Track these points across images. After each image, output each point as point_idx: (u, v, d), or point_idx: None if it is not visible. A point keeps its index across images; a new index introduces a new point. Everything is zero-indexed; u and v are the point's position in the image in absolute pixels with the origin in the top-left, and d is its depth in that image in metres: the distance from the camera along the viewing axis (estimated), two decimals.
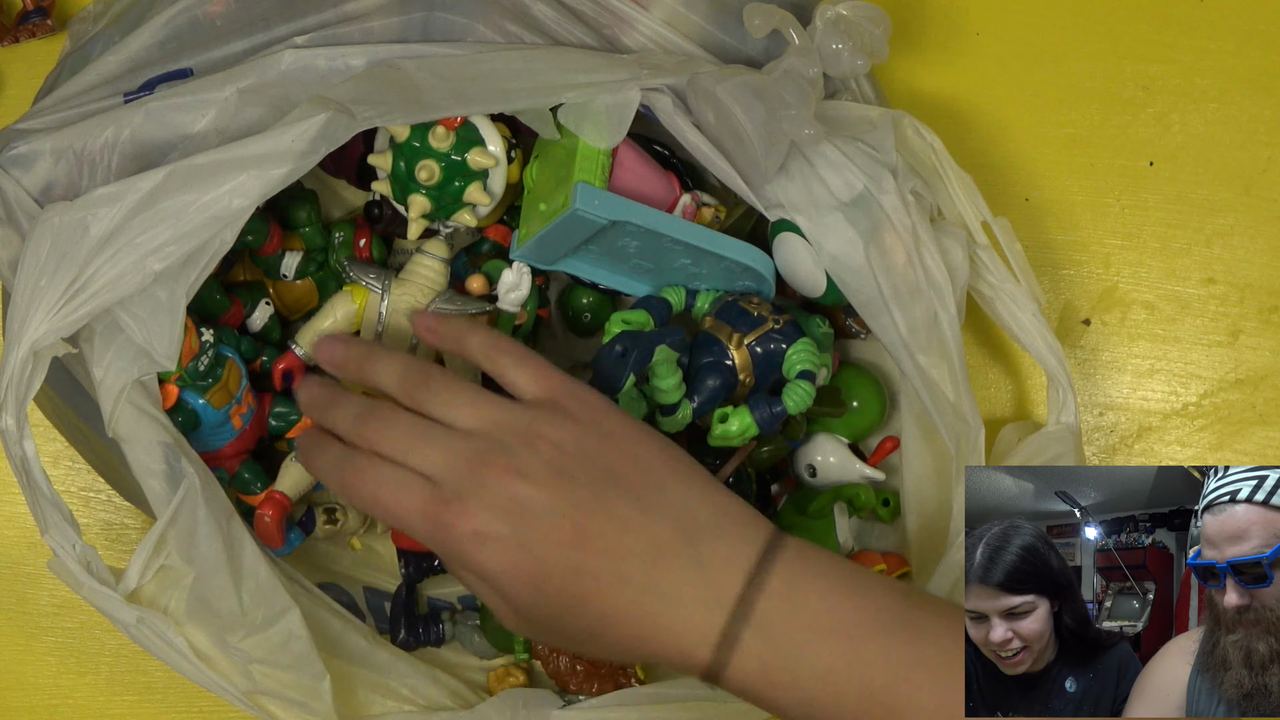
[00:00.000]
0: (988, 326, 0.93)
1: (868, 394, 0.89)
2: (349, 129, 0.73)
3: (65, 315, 0.73)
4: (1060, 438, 0.84)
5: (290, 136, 0.73)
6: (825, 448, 0.88)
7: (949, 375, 0.81)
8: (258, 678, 0.78)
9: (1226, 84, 0.95)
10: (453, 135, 0.81)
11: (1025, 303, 0.84)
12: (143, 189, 0.73)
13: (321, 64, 0.77)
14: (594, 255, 0.84)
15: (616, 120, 0.78)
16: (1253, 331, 0.94)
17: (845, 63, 0.79)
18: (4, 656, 0.92)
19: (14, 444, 0.74)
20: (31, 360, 0.73)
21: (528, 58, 0.78)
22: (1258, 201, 0.94)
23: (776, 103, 0.77)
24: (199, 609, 0.76)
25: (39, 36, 0.92)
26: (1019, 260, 0.84)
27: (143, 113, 0.76)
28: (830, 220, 0.79)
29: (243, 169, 0.73)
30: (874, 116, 0.81)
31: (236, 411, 0.82)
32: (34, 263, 0.73)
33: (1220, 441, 0.94)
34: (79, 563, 0.75)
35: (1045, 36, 0.95)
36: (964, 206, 0.83)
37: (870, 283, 0.79)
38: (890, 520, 0.88)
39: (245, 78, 0.76)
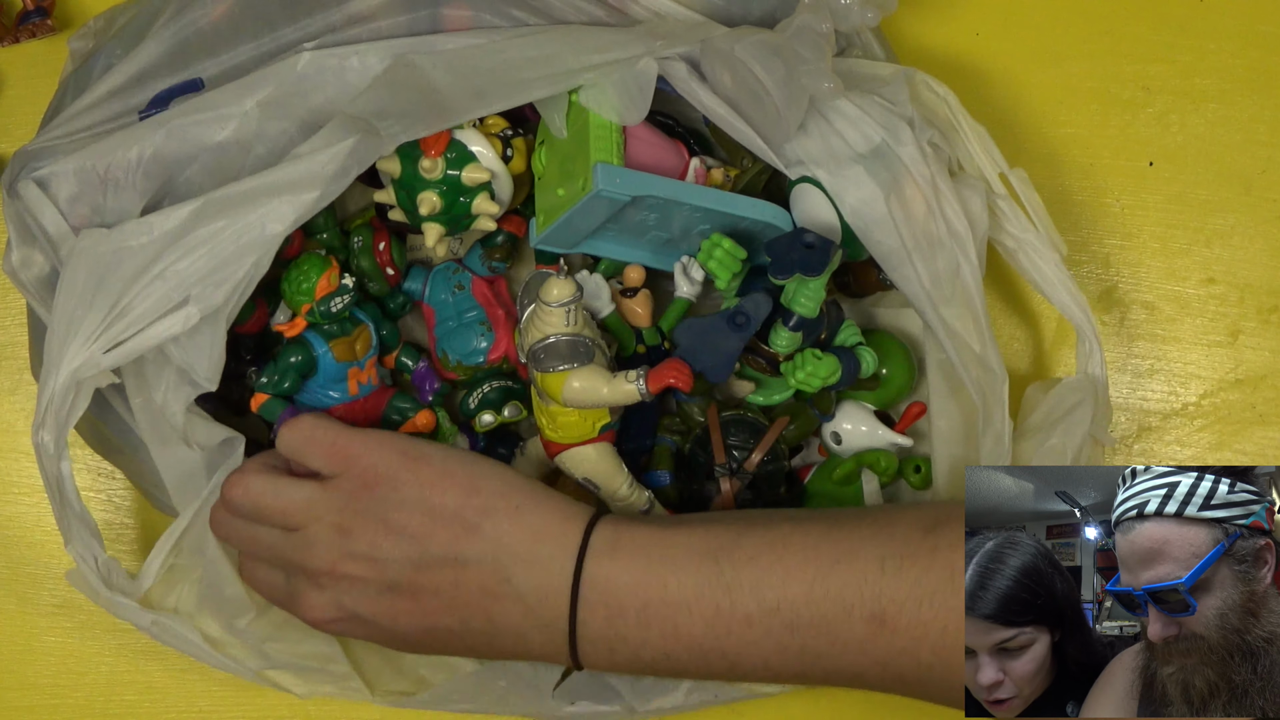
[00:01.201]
0: (1008, 281, 0.93)
1: (896, 361, 0.88)
2: (377, 150, 0.75)
3: (104, 344, 0.75)
4: (1081, 386, 0.84)
5: (320, 161, 0.74)
6: (851, 415, 0.88)
7: (973, 326, 0.81)
8: (272, 654, 0.82)
9: (1226, 84, 0.95)
10: (441, 161, 0.80)
11: (1047, 253, 0.84)
12: (177, 218, 0.75)
13: (336, 64, 0.77)
14: (613, 233, 0.84)
15: (638, 95, 0.78)
16: (1252, 331, 0.94)
17: (855, 15, 0.79)
18: (4, 656, 0.92)
19: (51, 462, 0.77)
20: (75, 389, 0.75)
21: (540, 42, 0.78)
22: (1258, 201, 0.94)
23: (794, 58, 0.77)
24: (210, 597, 0.80)
25: (39, 36, 0.92)
26: (1038, 211, 0.84)
27: (164, 131, 0.77)
28: (850, 173, 0.79)
29: (274, 195, 0.74)
30: (886, 74, 0.82)
31: (355, 375, 0.83)
32: (70, 291, 0.75)
33: (1220, 441, 0.94)
34: (99, 575, 0.78)
35: (1045, 37, 0.95)
36: (980, 158, 0.83)
37: (892, 234, 0.79)
38: (922, 487, 0.88)
39: (263, 87, 0.77)
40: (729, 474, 0.85)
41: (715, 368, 0.81)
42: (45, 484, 0.78)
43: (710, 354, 0.81)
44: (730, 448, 0.86)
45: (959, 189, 0.81)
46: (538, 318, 0.80)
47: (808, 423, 0.88)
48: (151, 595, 0.81)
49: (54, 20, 0.92)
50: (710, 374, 0.81)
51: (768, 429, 0.86)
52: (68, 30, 0.93)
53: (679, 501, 0.87)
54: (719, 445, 0.85)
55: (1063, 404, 0.84)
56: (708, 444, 0.86)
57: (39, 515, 0.92)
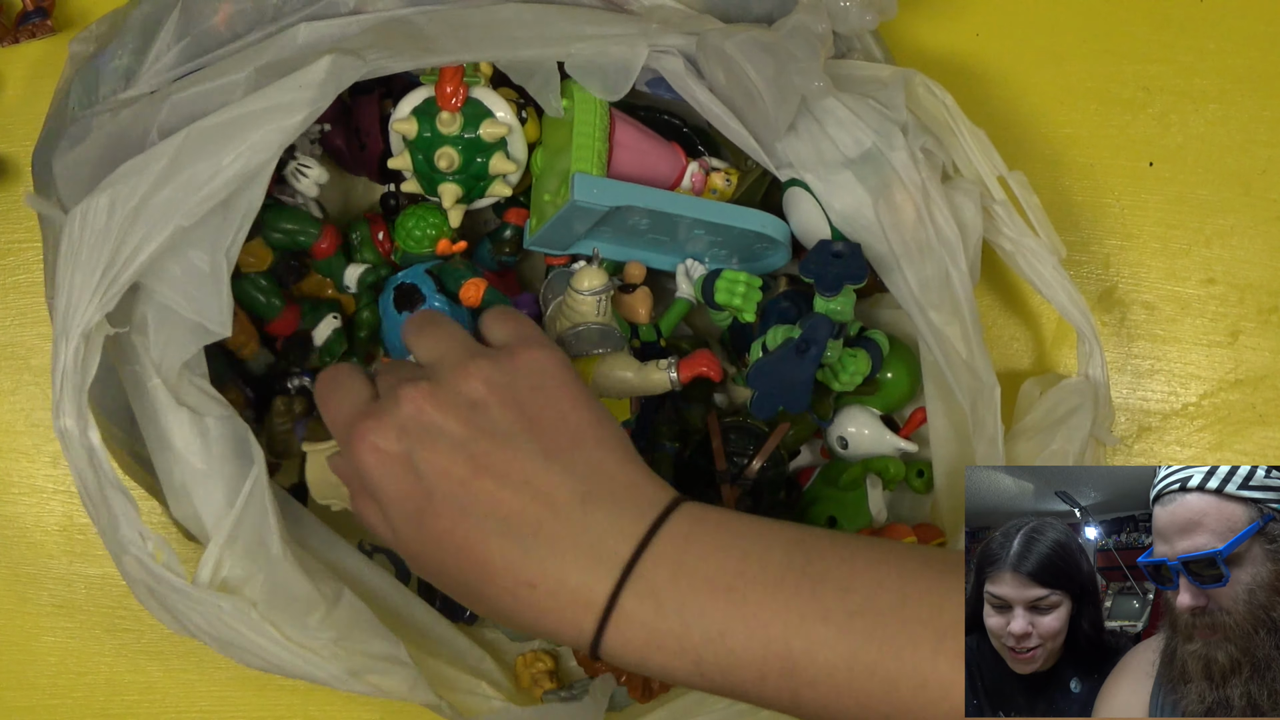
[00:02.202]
0: (1008, 281, 0.94)
1: (900, 365, 0.88)
2: (356, 69, 0.73)
3: (108, 295, 0.72)
4: (1081, 389, 0.84)
5: (298, 82, 0.72)
6: (857, 420, 0.88)
7: (961, 333, 0.81)
8: (344, 656, 0.76)
9: (1226, 84, 0.95)
10: (459, 116, 0.81)
11: (1045, 256, 0.83)
12: (161, 158, 0.72)
13: (337, 33, 0.77)
14: (609, 234, 0.84)
15: (623, 73, 0.78)
16: (1252, 332, 0.94)
17: (854, 18, 0.79)
18: (4, 656, 0.92)
19: (77, 441, 0.72)
20: (83, 346, 0.72)
21: (538, 11, 0.78)
22: (1258, 201, 0.94)
23: (785, 57, 0.77)
24: (277, 596, 0.75)
25: (39, 37, 0.92)
26: (1037, 213, 0.84)
27: (167, 106, 0.75)
28: (839, 178, 0.79)
29: (257, 123, 0.72)
30: (884, 75, 0.82)
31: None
32: (70, 254, 0.73)
33: (1220, 442, 0.94)
34: (151, 559, 0.72)
35: (1045, 37, 0.95)
36: (978, 161, 0.83)
37: (880, 240, 0.79)
38: (924, 491, 0.88)
39: (262, 56, 0.76)
40: (730, 481, 0.85)
41: (793, 400, 0.81)
42: (74, 472, 0.73)
43: (786, 388, 0.81)
44: (731, 454, 0.86)
45: (953, 194, 0.81)
46: (567, 306, 0.81)
47: (806, 428, 0.89)
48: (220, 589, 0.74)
49: (54, 21, 0.92)
50: (790, 406, 0.81)
51: (768, 435, 0.86)
52: (68, 30, 0.93)
53: None
54: (720, 452, 0.85)
55: (1062, 406, 0.84)
56: (708, 451, 0.86)
57: (39, 515, 0.92)
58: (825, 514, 0.88)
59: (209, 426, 0.75)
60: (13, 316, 0.93)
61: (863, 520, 0.87)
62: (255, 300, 0.83)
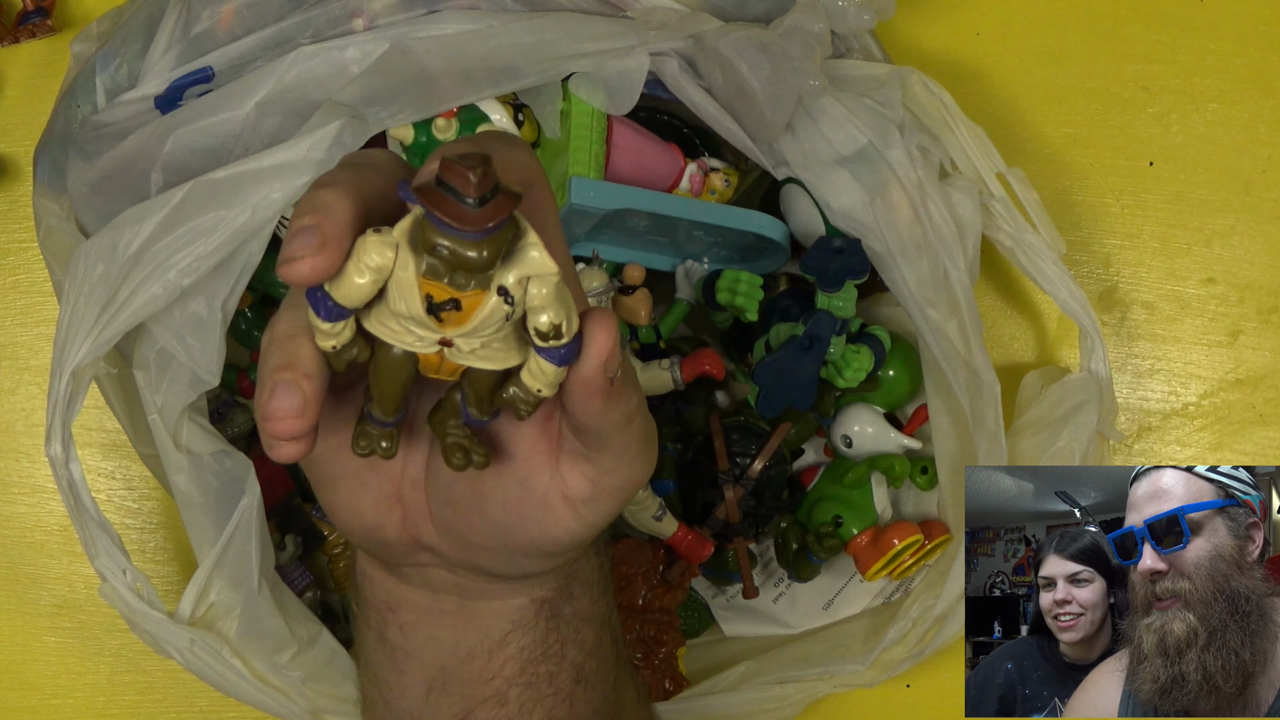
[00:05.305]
0: (1009, 277, 0.94)
1: (900, 363, 0.88)
2: (363, 134, 0.74)
3: (104, 337, 0.74)
4: (1084, 384, 0.84)
5: (307, 145, 0.73)
6: (861, 418, 0.88)
7: (959, 331, 0.81)
8: (311, 696, 0.79)
9: (1226, 84, 0.95)
10: (455, 122, 0.80)
11: (1045, 252, 0.83)
12: (166, 206, 0.74)
13: (335, 56, 0.77)
14: (608, 235, 0.84)
15: (627, 90, 0.78)
16: (1253, 331, 0.94)
17: (852, 18, 0.79)
18: (4, 657, 0.92)
19: (61, 468, 0.76)
20: (71, 383, 0.74)
21: (534, 29, 0.78)
22: (1258, 201, 0.94)
23: (781, 57, 0.77)
24: (250, 631, 0.78)
25: (39, 36, 0.92)
26: (1036, 210, 0.84)
27: (171, 140, 0.76)
28: (835, 177, 0.79)
29: (263, 181, 0.74)
30: (881, 74, 0.82)
31: None
32: (73, 290, 0.75)
33: (1220, 441, 0.94)
34: (130, 589, 0.76)
35: (1045, 37, 0.95)
36: (977, 158, 0.83)
37: (877, 238, 0.79)
38: (928, 488, 0.88)
39: (261, 88, 0.76)
40: (732, 481, 0.85)
41: (799, 398, 0.81)
42: (60, 493, 0.77)
43: (791, 386, 0.81)
44: (733, 454, 0.86)
45: (950, 192, 0.81)
46: None
47: (808, 427, 0.88)
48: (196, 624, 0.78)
49: (54, 20, 0.92)
50: (796, 404, 0.81)
51: (769, 435, 0.86)
52: (68, 30, 0.93)
53: (683, 509, 0.87)
54: (722, 452, 0.85)
55: (1066, 401, 0.84)
56: (710, 451, 0.86)
57: (39, 515, 0.92)
58: (831, 513, 0.88)
59: (207, 462, 0.77)
60: (13, 316, 0.93)
61: (868, 518, 0.87)
62: (253, 339, 0.84)
